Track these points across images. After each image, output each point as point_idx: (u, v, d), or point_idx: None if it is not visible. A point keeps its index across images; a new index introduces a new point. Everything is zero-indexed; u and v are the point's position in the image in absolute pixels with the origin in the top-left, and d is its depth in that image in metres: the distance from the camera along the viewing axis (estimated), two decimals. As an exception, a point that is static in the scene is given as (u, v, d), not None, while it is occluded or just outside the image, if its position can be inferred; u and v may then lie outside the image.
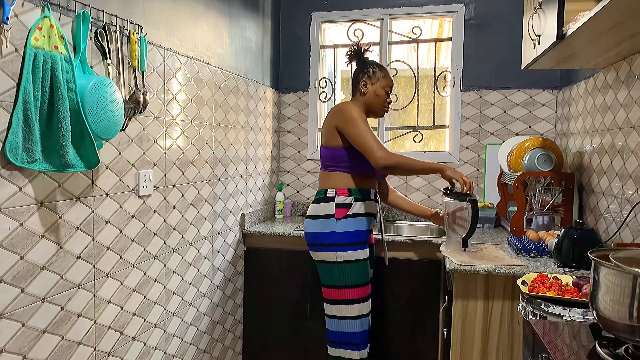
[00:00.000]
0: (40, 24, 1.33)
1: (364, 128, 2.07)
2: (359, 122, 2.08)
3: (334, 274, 2.16)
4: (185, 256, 2.18)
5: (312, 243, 2.21)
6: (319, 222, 2.16)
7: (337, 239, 2.13)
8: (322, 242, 2.15)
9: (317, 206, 2.20)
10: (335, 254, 2.13)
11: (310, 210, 2.23)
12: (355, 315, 2.15)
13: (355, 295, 2.15)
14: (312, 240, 2.20)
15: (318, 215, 2.17)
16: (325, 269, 2.18)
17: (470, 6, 3.01)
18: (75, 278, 1.55)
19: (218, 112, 2.43)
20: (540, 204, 2.36)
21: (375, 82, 2.23)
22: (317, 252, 2.19)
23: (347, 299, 2.15)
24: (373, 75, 2.24)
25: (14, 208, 1.32)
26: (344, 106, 2.17)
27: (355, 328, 2.16)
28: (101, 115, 1.49)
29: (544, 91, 2.93)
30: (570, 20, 1.53)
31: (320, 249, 2.17)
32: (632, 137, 1.82)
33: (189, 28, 2.14)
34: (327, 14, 3.22)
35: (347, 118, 2.10)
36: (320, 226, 2.16)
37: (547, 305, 1.36)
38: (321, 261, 2.19)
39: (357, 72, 2.29)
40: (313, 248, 2.21)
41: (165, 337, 2.06)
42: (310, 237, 2.21)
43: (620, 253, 1.08)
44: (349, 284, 2.15)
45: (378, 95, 2.23)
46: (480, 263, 1.91)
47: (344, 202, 2.14)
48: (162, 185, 1.98)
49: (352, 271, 2.14)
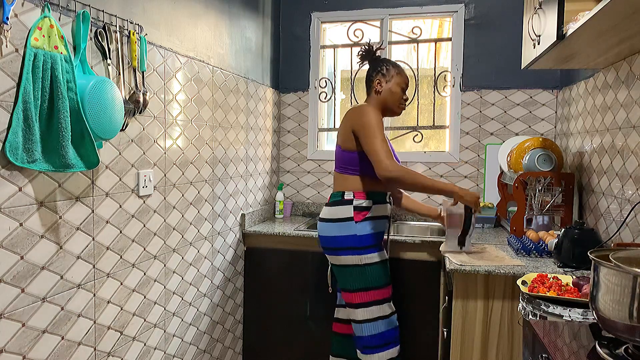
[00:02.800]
0: (40, 24, 1.33)
1: (377, 135, 2.01)
2: (373, 129, 2.02)
3: (358, 277, 2.10)
4: (185, 256, 2.18)
5: (330, 247, 2.14)
6: (337, 226, 2.11)
7: (359, 242, 2.08)
8: (343, 245, 2.10)
9: (334, 209, 2.14)
10: (360, 257, 2.08)
11: (326, 213, 2.16)
12: (387, 314, 2.13)
13: (381, 296, 2.12)
14: (330, 244, 2.14)
15: (336, 218, 2.12)
16: (348, 273, 2.12)
17: (470, 6, 3.01)
18: (75, 278, 1.55)
19: (218, 112, 2.43)
20: (540, 204, 2.36)
21: (389, 79, 2.18)
22: (338, 257, 2.13)
23: (375, 300, 2.11)
24: (387, 73, 2.18)
25: (14, 208, 1.32)
26: (362, 109, 2.10)
27: (390, 325, 2.14)
28: (101, 115, 1.49)
29: (544, 91, 2.93)
30: (570, 20, 1.53)
31: (342, 253, 2.11)
32: (632, 137, 1.82)
33: (189, 28, 2.14)
34: (327, 14, 3.22)
35: (363, 123, 2.04)
36: (339, 229, 2.11)
37: (547, 305, 1.36)
38: (343, 265, 2.12)
39: (371, 71, 2.23)
40: (332, 252, 2.15)
41: (165, 337, 2.06)
42: (328, 240, 2.15)
43: (620, 253, 1.08)
44: (375, 286, 2.10)
45: (393, 93, 2.18)
46: (480, 263, 1.91)
47: (362, 205, 2.10)
48: (162, 185, 1.98)
49: (377, 272, 2.11)
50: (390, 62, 2.25)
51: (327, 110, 3.41)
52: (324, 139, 3.39)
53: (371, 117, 2.05)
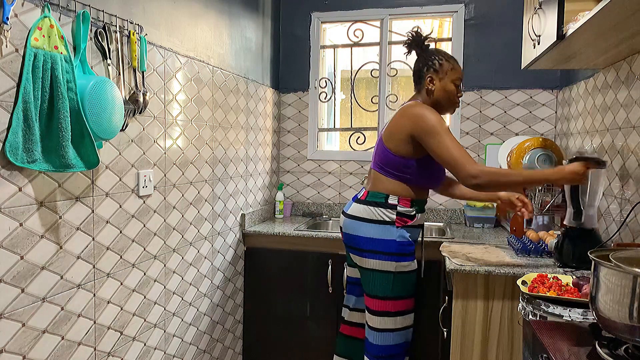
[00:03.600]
0: (40, 24, 1.33)
1: (449, 138, 1.82)
2: (442, 133, 1.82)
3: (388, 284, 1.97)
4: (185, 256, 2.18)
5: (363, 248, 1.98)
6: (376, 227, 1.96)
7: (397, 248, 1.95)
8: (379, 249, 1.96)
9: (374, 209, 1.97)
10: (395, 264, 1.96)
11: (362, 212, 1.99)
12: (408, 325, 2.04)
13: (406, 307, 2.02)
14: (364, 245, 1.97)
15: (376, 219, 1.96)
16: (378, 278, 1.98)
17: (470, 6, 3.01)
18: (75, 278, 1.55)
19: (218, 112, 2.43)
20: (540, 204, 2.36)
21: (443, 76, 1.95)
22: (369, 259, 1.97)
23: (401, 310, 2.00)
24: (440, 69, 1.95)
25: (14, 208, 1.32)
26: (420, 111, 1.88)
27: (407, 338, 2.06)
28: (101, 115, 1.49)
29: (544, 91, 2.93)
30: (570, 20, 1.53)
31: (375, 257, 1.96)
32: (632, 137, 1.82)
33: (189, 28, 2.14)
34: (327, 14, 3.22)
35: (427, 129, 1.84)
36: (378, 232, 1.95)
37: (547, 305, 1.36)
38: (374, 269, 1.98)
39: (421, 65, 2.00)
40: (363, 254, 1.99)
41: (165, 337, 2.06)
42: (362, 241, 1.98)
43: (620, 253, 1.08)
44: (403, 295, 2.00)
45: (448, 91, 1.96)
46: (481, 258, 1.91)
47: (406, 212, 1.97)
48: (162, 185, 1.98)
49: (408, 282, 2.00)
50: (442, 53, 2.00)
51: (327, 110, 3.41)
52: (324, 139, 3.39)
53: (434, 121, 1.85)
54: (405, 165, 1.95)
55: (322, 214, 3.27)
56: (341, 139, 3.51)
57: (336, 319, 2.69)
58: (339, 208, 3.26)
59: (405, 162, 1.94)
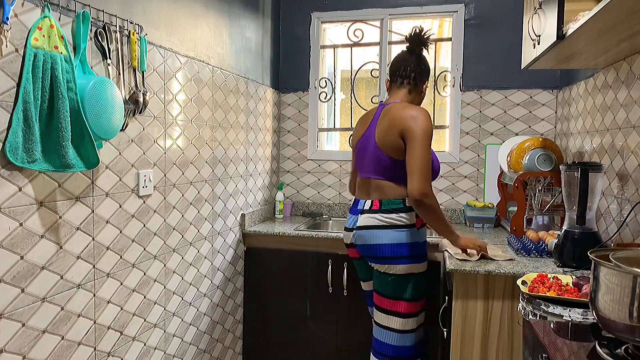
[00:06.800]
0: (40, 24, 1.33)
1: (428, 151, 1.88)
2: (427, 142, 1.87)
3: (412, 286, 1.99)
4: (185, 256, 2.18)
5: (390, 256, 1.96)
6: (400, 232, 1.95)
7: (419, 249, 1.99)
8: (406, 254, 1.96)
9: (395, 216, 1.96)
10: (418, 265, 1.99)
11: (380, 220, 1.97)
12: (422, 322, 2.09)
13: (420, 307, 2.06)
14: (392, 252, 1.95)
15: (400, 224, 1.95)
16: (403, 281, 1.98)
17: (470, 6, 3.01)
18: (75, 278, 1.55)
19: (218, 112, 2.43)
20: (540, 204, 2.36)
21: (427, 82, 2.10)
22: (397, 265, 1.96)
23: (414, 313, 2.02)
24: (428, 77, 2.09)
25: (14, 208, 1.32)
26: (416, 113, 1.91)
27: (420, 337, 2.09)
28: (101, 115, 1.49)
29: (544, 91, 2.93)
30: (570, 20, 1.53)
31: (404, 262, 1.96)
32: (632, 137, 1.82)
33: (189, 28, 2.14)
34: (327, 14, 3.22)
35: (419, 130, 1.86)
36: (404, 236, 1.95)
37: (547, 305, 1.36)
38: (400, 274, 1.97)
39: (421, 70, 2.05)
40: (391, 261, 1.96)
41: (165, 337, 2.06)
42: (387, 248, 1.95)
43: (620, 253, 1.08)
44: (419, 297, 2.02)
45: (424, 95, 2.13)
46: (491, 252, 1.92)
47: None
48: (162, 185, 1.98)
49: (424, 283, 2.04)
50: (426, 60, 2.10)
51: (327, 110, 3.41)
52: (324, 139, 3.39)
53: (428, 127, 1.88)
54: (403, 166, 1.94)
55: (322, 214, 3.27)
56: (341, 139, 3.52)
57: (336, 319, 2.70)
58: (339, 208, 3.25)
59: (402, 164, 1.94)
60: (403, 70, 2.04)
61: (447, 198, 3.09)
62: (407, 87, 2.05)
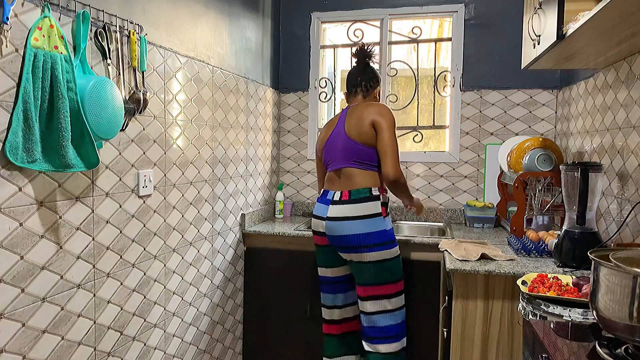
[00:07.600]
0: (40, 24, 1.33)
1: (395, 137, 2.18)
2: (394, 129, 2.18)
3: (388, 270, 2.18)
4: (185, 256, 2.18)
5: (363, 245, 2.15)
6: (367, 222, 2.15)
7: (388, 236, 2.18)
8: (376, 242, 2.14)
9: (362, 205, 2.16)
10: (390, 251, 2.18)
11: (352, 211, 2.16)
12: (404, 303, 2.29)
13: (402, 287, 2.26)
14: (363, 242, 2.14)
15: (367, 214, 2.15)
16: (379, 268, 2.17)
17: (470, 6, 3.01)
18: (75, 278, 1.55)
19: (218, 112, 2.43)
20: (540, 204, 2.36)
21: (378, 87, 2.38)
22: (369, 253, 2.15)
23: (401, 290, 2.25)
24: (378, 83, 2.37)
25: (14, 208, 1.32)
26: (383, 107, 2.22)
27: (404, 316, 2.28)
28: (101, 115, 1.49)
29: (544, 91, 2.93)
30: (570, 20, 1.53)
31: (374, 249, 2.15)
32: (632, 137, 1.82)
33: (189, 28, 2.14)
34: (327, 14, 3.22)
35: (388, 121, 2.16)
36: (370, 226, 2.14)
37: (547, 305, 1.36)
38: (374, 261, 2.16)
39: (369, 77, 2.34)
40: (363, 250, 2.15)
41: (165, 337, 2.06)
42: (360, 238, 2.14)
43: (620, 253, 1.08)
44: (401, 277, 2.25)
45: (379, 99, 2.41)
46: (481, 250, 1.91)
47: (385, 200, 2.21)
48: (162, 185, 1.98)
49: (400, 264, 2.24)
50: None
51: (327, 110, 3.41)
52: (324, 139, 3.39)
53: (393, 118, 2.19)
54: (372, 154, 2.19)
55: (322, 214, 3.27)
56: (341, 139, 3.51)
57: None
58: (339, 208, 3.25)
59: (372, 151, 2.18)
60: (354, 81, 2.35)
61: (447, 198, 3.09)
62: (361, 94, 2.34)
